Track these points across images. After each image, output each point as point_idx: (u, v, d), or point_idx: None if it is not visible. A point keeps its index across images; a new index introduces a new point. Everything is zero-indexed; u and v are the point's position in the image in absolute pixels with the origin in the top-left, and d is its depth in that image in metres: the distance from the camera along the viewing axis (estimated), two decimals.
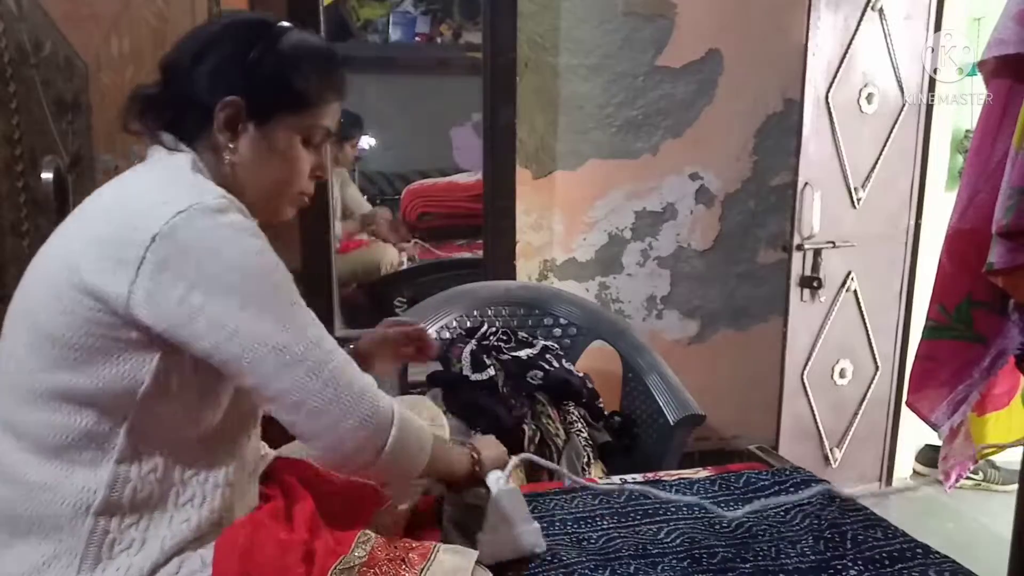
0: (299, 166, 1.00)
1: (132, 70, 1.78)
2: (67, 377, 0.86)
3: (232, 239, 0.85)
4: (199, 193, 0.87)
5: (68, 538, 0.87)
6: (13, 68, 1.75)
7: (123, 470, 0.88)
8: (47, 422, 0.87)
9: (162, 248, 0.82)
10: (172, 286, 0.82)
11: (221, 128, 0.94)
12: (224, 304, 0.83)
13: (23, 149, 1.79)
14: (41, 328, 0.87)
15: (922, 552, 1.18)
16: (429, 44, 2.69)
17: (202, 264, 0.83)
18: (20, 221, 1.81)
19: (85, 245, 0.87)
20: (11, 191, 1.80)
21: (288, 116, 0.97)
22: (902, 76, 2.48)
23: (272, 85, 0.95)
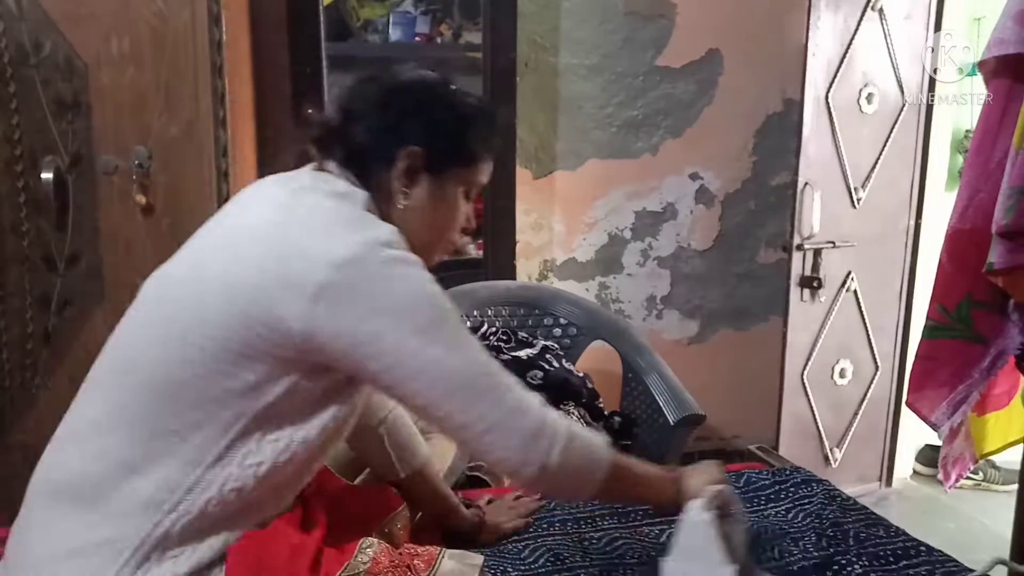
0: (458, 217, 1.05)
1: (132, 70, 1.77)
2: (202, 374, 0.87)
3: (405, 272, 0.89)
4: (377, 228, 0.92)
5: (130, 527, 0.86)
6: (13, 68, 1.75)
7: (209, 476, 0.88)
8: (161, 408, 0.88)
9: (345, 274, 0.86)
10: (352, 310, 0.86)
11: (400, 175, 0.99)
12: (399, 330, 0.87)
13: (23, 149, 1.79)
14: (195, 337, 0.88)
15: (925, 550, 1.18)
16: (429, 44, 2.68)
17: (380, 292, 0.87)
18: (20, 221, 1.81)
19: (259, 267, 0.88)
20: (11, 191, 1.80)
21: (459, 170, 1.02)
22: (902, 76, 2.48)
23: (451, 140, 1.01)
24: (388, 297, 0.87)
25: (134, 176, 1.79)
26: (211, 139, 1.79)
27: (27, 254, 1.82)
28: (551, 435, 0.93)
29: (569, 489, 0.99)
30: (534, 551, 1.20)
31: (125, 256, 1.83)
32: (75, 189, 1.81)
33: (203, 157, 1.80)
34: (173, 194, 1.82)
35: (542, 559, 1.18)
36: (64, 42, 1.76)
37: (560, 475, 0.94)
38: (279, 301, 0.85)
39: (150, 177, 1.81)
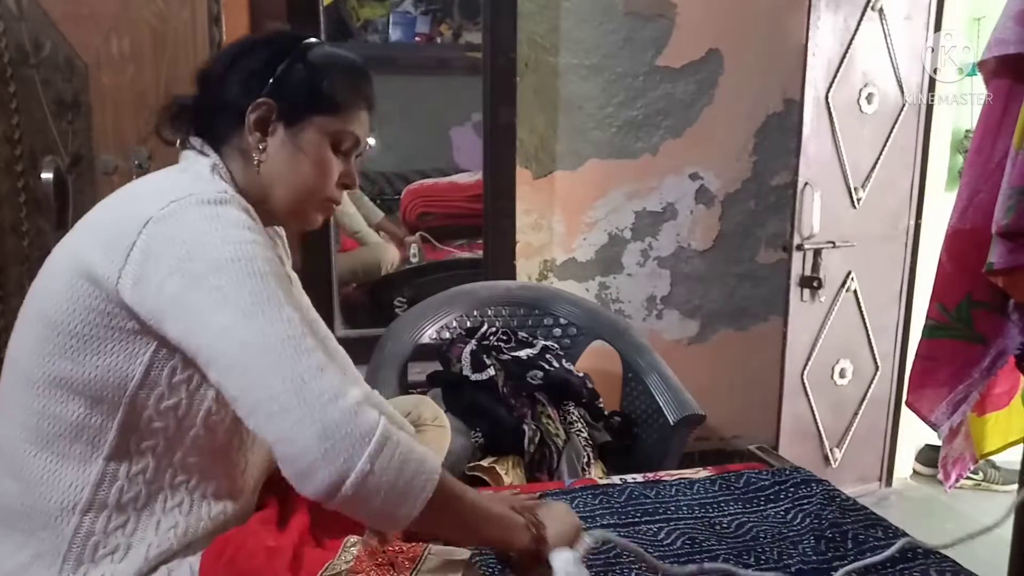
0: (327, 170, 1.00)
1: (132, 70, 1.78)
2: (63, 365, 0.87)
3: (220, 228, 0.84)
4: (201, 186, 0.89)
5: (52, 537, 0.87)
6: (13, 68, 1.75)
7: (111, 468, 0.88)
8: (41, 410, 0.88)
9: (152, 233, 0.83)
10: (155, 271, 0.82)
11: (251, 129, 0.96)
12: (195, 291, 0.81)
13: (23, 149, 1.79)
14: (46, 315, 0.88)
15: (923, 551, 1.18)
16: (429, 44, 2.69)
17: (186, 251, 0.82)
18: (20, 221, 1.81)
19: (89, 232, 0.90)
20: (11, 191, 1.80)
21: (318, 118, 0.98)
22: (902, 76, 2.48)
23: (303, 88, 0.97)
24: (191, 256, 0.82)
25: (134, 176, 1.79)
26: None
27: (27, 254, 1.82)
28: (363, 433, 0.78)
29: (379, 507, 0.80)
30: None
31: None
32: (75, 189, 1.81)
33: None
34: None
35: None
36: (64, 42, 1.76)
37: (368, 488, 0.78)
38: (96, 264, 0.85)
39: None
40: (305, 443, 0.77)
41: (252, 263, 0.83)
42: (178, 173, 0.96)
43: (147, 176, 0.99)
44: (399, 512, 0.82)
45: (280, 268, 0.89)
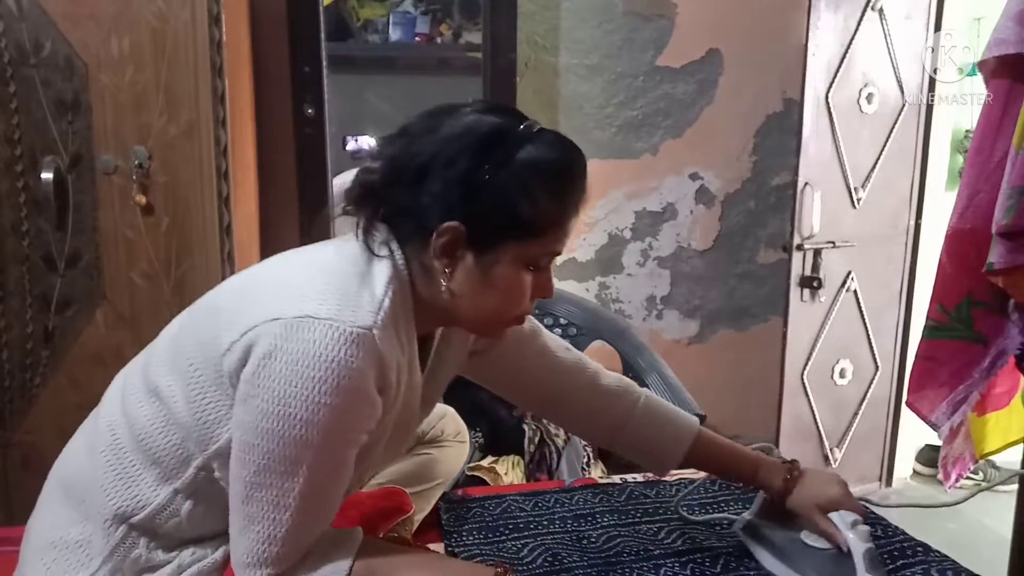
0: (518, 294, 0.88)
1: (132, 70, 1.78)
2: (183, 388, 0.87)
3: (318, 376, 0.78)
4: (349, 311, 0.80)
5: (99, 536, 0.89)
6: (13, 68, 1.75)
7: (178, 502, 0.89)
8: (149, 416, 0.89)
9: (271, 333, 0.80)
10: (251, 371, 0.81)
11: (439, 254, 0.85)
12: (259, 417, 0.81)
13: (23, 149, 1.79)
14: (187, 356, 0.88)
15: (922, 551, 1.18)
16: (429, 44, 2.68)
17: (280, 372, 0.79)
18: (20, 221, 1.81)
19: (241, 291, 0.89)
20: (11, 191, 1.80)
21: (513, 245, 0.85)
22: (902, 76, 2.48)
23: (497, 213, 0.83)
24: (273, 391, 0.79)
25: (134, 176, 1.79)
26: (211, 139, 1.79)
27: (27, 254, 1.82)
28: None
29: None
30: (533, 550, 1.20)
31: (125, 256, 1.83)
32: (75, 189, 1.81)
33: (203, 157, 1.80)
34: (173, 194, 1.82)
35: (541, 559, 1.18)
36: (64, 42, 1.76)
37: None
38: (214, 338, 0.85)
39: (150, 177, 1.81)
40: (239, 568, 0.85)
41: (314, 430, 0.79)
42: (351, 275, 0.85)
43: (320, 248, 0.92)
44: None
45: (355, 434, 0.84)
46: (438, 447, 1.32)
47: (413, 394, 0.97)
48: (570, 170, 0.88)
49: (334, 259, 0.87)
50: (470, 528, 1.27)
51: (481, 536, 1.25)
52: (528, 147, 0.84)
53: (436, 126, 0.85)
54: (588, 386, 1.16)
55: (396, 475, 1.26)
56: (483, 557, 1.16)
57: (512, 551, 1.20)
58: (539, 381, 1.15)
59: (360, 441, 0.86)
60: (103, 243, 1.83)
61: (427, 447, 1.32)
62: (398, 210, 0.86)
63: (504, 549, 1.21)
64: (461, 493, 1.41)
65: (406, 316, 0.88)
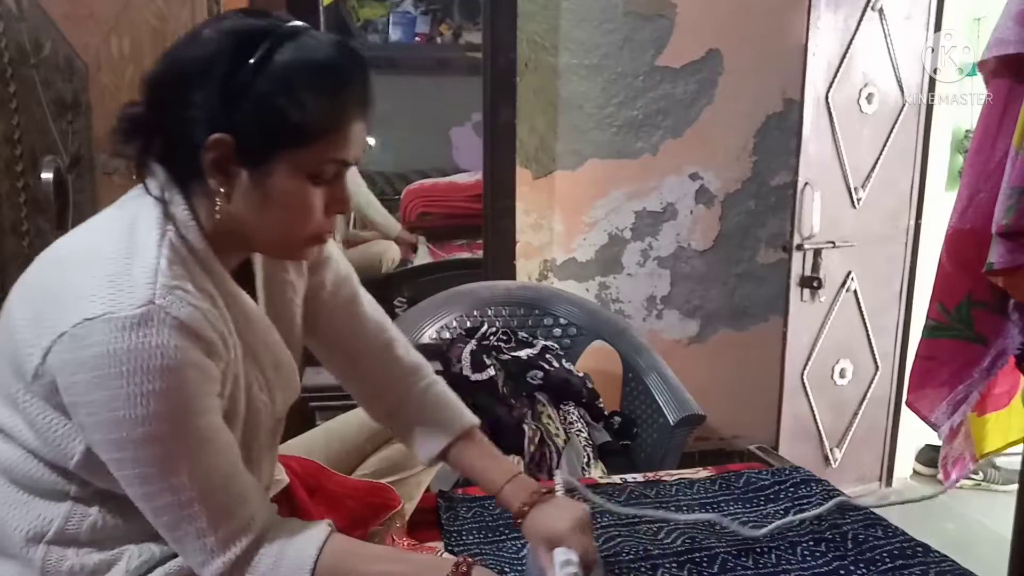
0: (306, 208, 0.82)
1: (132, 70, 1.78)
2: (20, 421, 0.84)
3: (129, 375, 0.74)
4: (124, 294, 0.75)
5: (22, 565, 0.86)
6: (13, 68, 1.75)
7: (80, 508, 0.85)
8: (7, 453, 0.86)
9: (61, 353, 0.76)
10: (65, 388, 0.77)
11: (211, 172, 0.79)
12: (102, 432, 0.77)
13: (23, 149, 1.79)
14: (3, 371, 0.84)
15: (922, 551, 1.18)
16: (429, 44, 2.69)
17: (89, 392, 0.75)
18: (20, 221, 1.81)
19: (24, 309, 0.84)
20: (11, 191, 1.80)
21: (287, 153, 0.79)
22: (902, 76, 2.48)
23: (263, 119, 0.77)
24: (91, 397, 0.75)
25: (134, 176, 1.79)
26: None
27: (27, 254, 1.82)
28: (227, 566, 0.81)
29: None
30: None
31: None
32: (75, 189, 1.81)
33: None
34: None
35: None
36: (64, 42, 1.76)
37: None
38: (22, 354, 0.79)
39: None
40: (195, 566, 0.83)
41: (156, 420, 0.76)
42: (119, 242, 0.80)
43: (91, 229, 0.86)
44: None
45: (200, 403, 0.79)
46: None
47: (261, 327, 0.91)
48: (338, 66, 0.79)
49: (95, 240, 0.83)
50: (470, 528, 1.27)
51: (481, 536, 1.25)
52: (288, 45, 0.77)
53: (195, 35, 0.80)
54: (381, 349, 1.09)
55: (383, 462, 1.24)
56: (483, 557, 1.16)
57: (512, 551, 1.20)
58: (343, 332, 1.08)
59: (213, 407, 0.81)
60: None
61: None
62: (167, 137, 0.80)
63: (504, 549, 1.21)
64: (461, 493, 1.41)
65: (202, 259, 0.83)
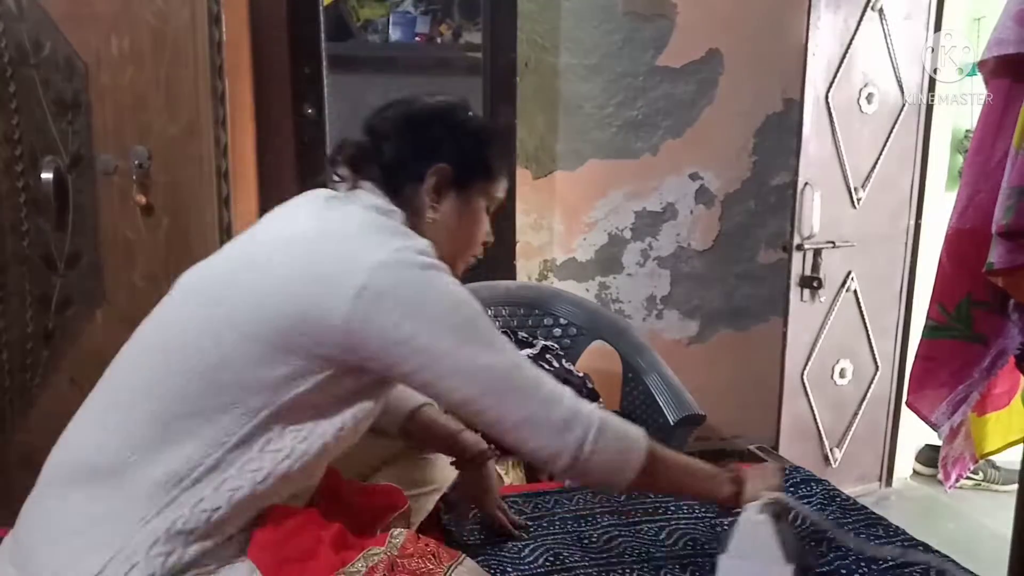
0: (482, 230, 1.12)
1: (132, 70, 1.78)
2: (237, 363, 0.91)
3: (438, 277, 0.95)
4: (412, 238, 0.98)
5: (142, 504, 0.88)
6: (13, 68, 1.75)
7: (230, 458, 0.91)
8: (185, 392, 0.92)
9: (383, 276, 0.91)
10: (388, 313, 0.90)
11: (429, 191, 1.05)
12: (434, 331, 0.92)
13: (23, 149, 1.79)
14: (248, 329, 0.92)
15: (922, 550, 1.18)
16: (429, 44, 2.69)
17: (415, 295, 0.92)
18: (20, 221, 1.81)
19: (298, 263, 0.94)
20: (11, 191, 1.80)
21: (481, 185, 1.10)
22: (902, 76, 2.48)
23: (474, 157, 1.08)
24: (423, 300, 0.92)
25: (134, 176, 1.80)
26: (211, 139, 1.80)
27: (27, 254, 1.82)
28: (583, 425, 0.96)
29: (604, 477, 1.01)
30: (534, 550, 1.20)
31: (125, 256, 1.83)
32: (75, 189, 1.81)
33: (203, 157, 1.80)
34: (173, 194, 1.82)
35: (542, 559, 1.18)
36: (64, 42, 1.76)
37: (594, 464, 0.97)
38: (320, 300, 0.90)
39: (150, 177, 1.81)
40: (547, 438, 0.96)
41: (472, 303, 0.97)
42: (376, 219, 1.00)
43: (342, 214, 1.01)
44: (619, 479, 1.01)
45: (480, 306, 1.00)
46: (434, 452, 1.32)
47: None
48: (503, 134, 1.21)
49: (354, 214, 1.00)
50: (471, 528, 1.27)
51: (482, 536, 1.25)
52: (481, 118, 1.16)
53: (402, 105, 1.10)
54: None
55: (392, 479, 1.26)
56: (484, 558, 1.16)
57: (513, 551, 1.20)
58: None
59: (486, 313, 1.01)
60: (103, 243, 1.83)
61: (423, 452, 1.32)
62: (391, 164, 1.05)
63: (505, 549, 1.21)
64: None
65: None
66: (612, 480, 1.01)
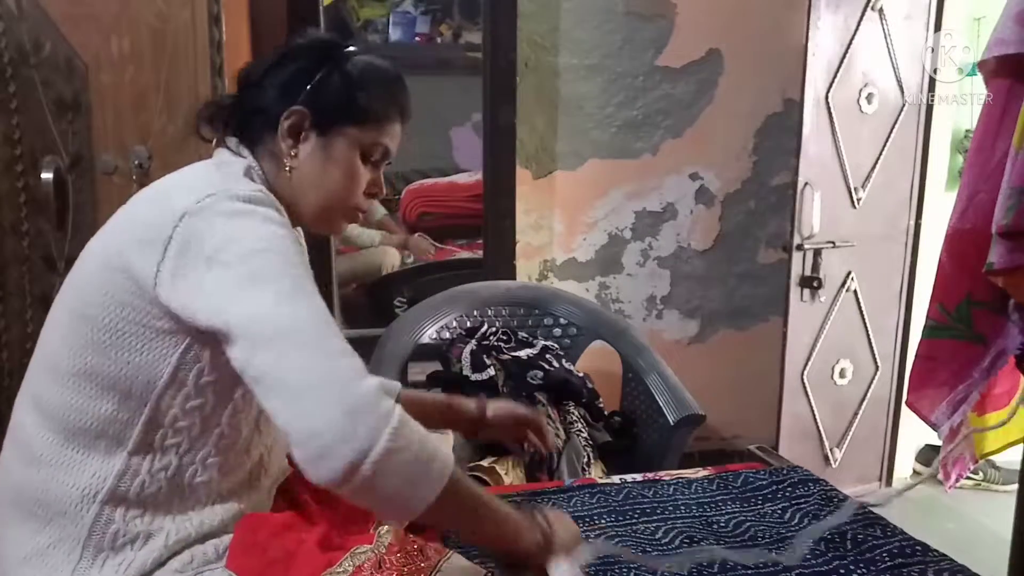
0: (356, 179, 1.02)
1: (132, 70, 1.78)
2: (94, 359, 0.88)
3: (254, 222, 0.87)
4: (235, 182, 0.91)
5: (71, 525, 0.88)
6: (13, 68, 1.75)
7: (135, 462, 0.89)
8: (70, 403, 0.89)
9: (188, 225, 0.85)
10: (193, 263, 0.84)
11: (284, 135, 0.98)
12: (229, 274, 0.83)
13: (23, 149, 1.79)
14: (79, 309, 0.90)
15: (921, 550, 1.18)
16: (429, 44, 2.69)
17: (221, 241, 0.84)
18: (20, 221, 1.81)
19: (123, 227, 0.92)
20: (11, 191, 1.80)
21: (350, 129, 1.00)
22: (902, 76, 2.48)
23: (337, 98, 0.99)
24: (224, 246, 0.83)
25: (134, 176, 1.80)
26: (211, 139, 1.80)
27: (27, 254, 1.82)
28: (382, 415, 0.78)
29: (395, 491, 0.80)
30: None
31: None
32: (75, 189, 1.81)
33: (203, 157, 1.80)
34: None
35: None
36: (64, 42, 1.76)
37: (389, 466, 0.77)
38: (133, 260, 0.86)
39: (150, 177, 1.81)
40: (329, 418, 0.77)
41: (285, 254, 0.86)
42: (212, 169, 0.98)
43: (181, 170, 0.99)
44: (415, 496, 0.81)
45: (307, 263, 0.93)
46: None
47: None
48: (398, 77, 1.05)
49: (193, 170, 0.97)
50: None
51: None
52: (358, 56, 1.02)
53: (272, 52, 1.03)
54: None
55: None
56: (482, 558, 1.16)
57: None
58: None
59: (310, 271, 0.92)
60: None
61: None
62: (247, 114, 1.00)
63: None
64: None
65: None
66: (406, 497, 0.80)
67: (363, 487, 0.78)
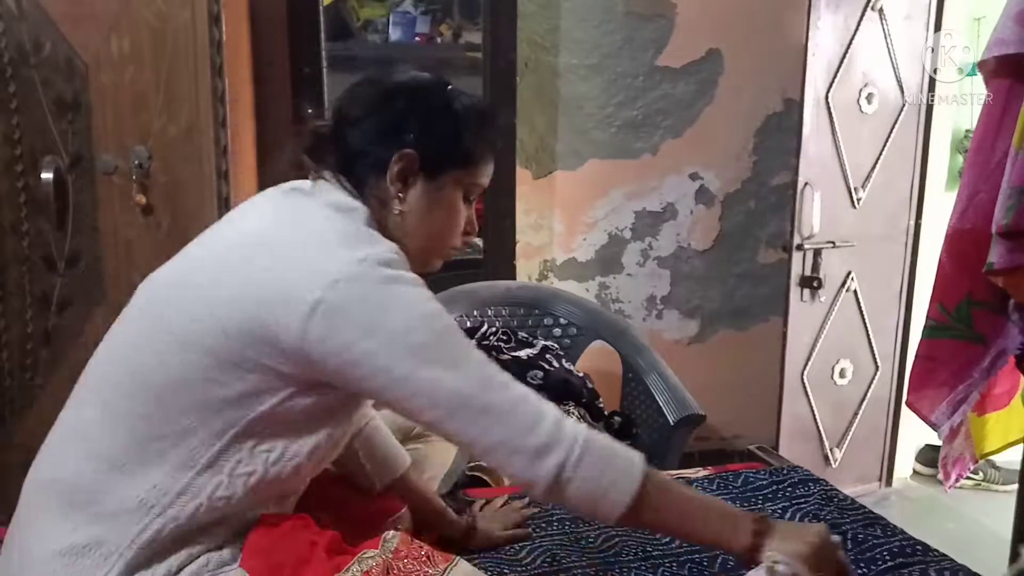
0: (458, 220, 1.02)
1: (132, 70, 1.78)
2: (195, 381, 0.87)
3: (401, 291, 0.87)
4: (374, 245, 0.90)
5: (117, 532, 0.87)
6: (13, 68, 1.75)
7: (199, 483, 0.88)
8: (151, 413, 0.88)
9: (342, 292, 0.84)
10: (345, 331, 0.84)
11: (394, 179, 0.96)
12: (393, 351, 0.85)
13: (23, 149, 1.79)
14: (193, 338, 0.87)
15: (921, 550, 1.18)
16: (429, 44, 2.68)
17: (374, 312, 0.85)
18: (20, 221, 1.81)
19: (255, 277, 0.88)
20: (11, 191, 1.80)
21: (455, 172, 0.99)
22: (902, 76, 2.48)
23: (446, 141, 0.98)
24: (383, 317, 0.85)
25: (134, 176, 1.80)
26: (211, 139, 1.80)
27: (27, 254, 1.82)
28: (563, 450, 0.88)
29: (586, 506, 0.91)
30: (531, 552, 1.20)
31: (125, 256, 1.84)
32: (75, 189, 1.81)
33: (203, 157, 1.81)
34: (173, 194, 1.82)
35: (539, 560, 1.18)
36: (64, 42, 1.76)
37: (573, 491, 0.88)
38: (273, 316, 0.84)
39: (150, 177, 1.81)
40: (520, 467, 0.88)
41: (440, 319, 0.89)
42: (336, 218, 0.93)
43: (298, 215, 0.94)
44: (604, 507, 0.90)
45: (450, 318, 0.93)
46: (425, 442, 1.31)
47: None
48: (494, 114, 1.13)
49: (319, 218, 0.93)
50: None
51: None
52: (459, 95, 1.01)
53: (370, 84, 1.01)
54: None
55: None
56: (480, 559, 1.16)
57: (511, 552, 1.20)
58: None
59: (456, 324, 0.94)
60: (103, 243, 1.84)
61: (414, 442, 1.32)
62: (353, 151, 0.97)
63: (503, 550, 1.21)
64: (463, 495, 1.41)
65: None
66: (597, 509, 0.90)
67: (562, 504, 0.93)
